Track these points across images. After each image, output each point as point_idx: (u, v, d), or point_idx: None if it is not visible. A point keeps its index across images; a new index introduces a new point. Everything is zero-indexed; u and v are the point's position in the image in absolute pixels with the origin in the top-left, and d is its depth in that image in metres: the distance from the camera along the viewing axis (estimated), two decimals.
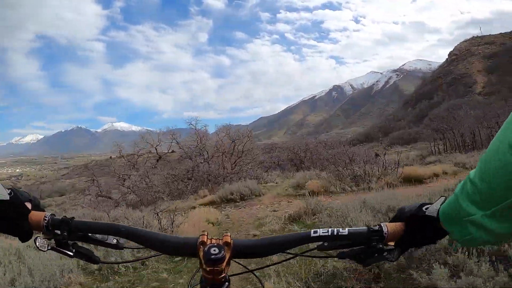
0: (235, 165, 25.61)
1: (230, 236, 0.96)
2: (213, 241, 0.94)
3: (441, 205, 0.93)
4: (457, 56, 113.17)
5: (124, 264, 5.27)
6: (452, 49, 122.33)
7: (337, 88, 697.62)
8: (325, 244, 1.01)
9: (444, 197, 0.93)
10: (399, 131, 69.39)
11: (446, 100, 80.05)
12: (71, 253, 1.02)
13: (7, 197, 0.97)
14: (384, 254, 0.97)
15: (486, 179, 0.76)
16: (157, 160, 30.81)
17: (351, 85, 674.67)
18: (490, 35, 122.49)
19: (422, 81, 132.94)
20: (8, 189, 1.00)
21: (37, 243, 0.98)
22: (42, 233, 1.03)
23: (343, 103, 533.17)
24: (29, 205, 1.04)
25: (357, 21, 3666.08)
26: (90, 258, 1.05)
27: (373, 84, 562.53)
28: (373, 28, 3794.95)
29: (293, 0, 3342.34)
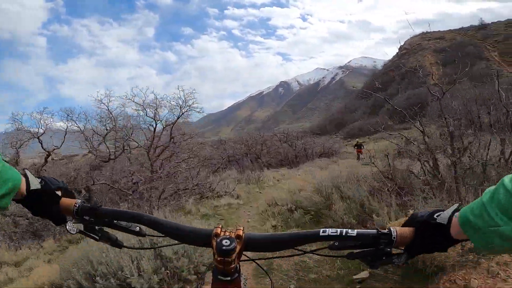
0: (161, 166, 14.36)
1: (243, 229, 1.03)
2: (227, 233, 1.01)
3: (453, 212, 0.94)
4: (408, 50, 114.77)
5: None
6: (402, 44, 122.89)
7: (284, 84, 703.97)
8: (336, 244, 1.03)
9: (458, 204, 0.95)
10: (356, 122, 68.39)
11: (402, 91, 79.90)
12: (97, 237, 1.14)
13: (39, 186, 1.10)
14: (393, 257, 1.00)
15: None
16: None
17: (297, 81, 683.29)
18: (439, 31, 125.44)
19: (373, 74, 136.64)
20: (39, 178, 1.13)
21: (67, 226, 1.13)
22: (73, 218, 1.15)
23: (290, 98, 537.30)
24: (59, 192, 1.16)
25: (304, 19, 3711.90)
26: (114, 242, 1.17)
27: (320, 81, 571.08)
28: (320, 26, 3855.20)
29: None
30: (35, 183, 1.09)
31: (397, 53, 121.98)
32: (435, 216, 0.95)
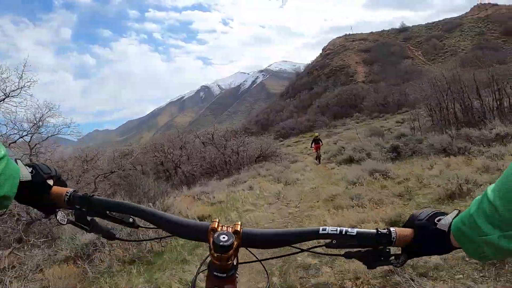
0: None
1: (241, 224, 0.99)
2: (224, 228, 0.97)
3: (453, 219, 0.93)
4: (332, 50, 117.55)
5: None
6: (326, 45, 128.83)
7: (205, 89, 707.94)
8: (334, 242, 1.00)
9: (457, 210, 0.94)
10: (287, 121, 63.79)
11: (330, 89, 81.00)
12: (88, 228, 1.08)
13: (29, 177, 1.03)
14: (390, 258, 0.98)
15: (510, 204, 0.74)
16: None
17: (218, 85, 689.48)
18: (362, 33, 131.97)
19: (295, 72, 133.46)
20: (30, 166, 1.07)
21: (57, 217, 1.07)
22: (64, 208, 1.10)
23: (211, 103, 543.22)
24: (51, 181, 1.10)
25: (225, 23, 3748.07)
26: (106, 233, 1.11)
27: (241, 84, 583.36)
28: (241, 30, 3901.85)
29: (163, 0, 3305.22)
30: (25, 174, 1.02)
31: (320, 53, 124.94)
32: (435, 221, 0.94)
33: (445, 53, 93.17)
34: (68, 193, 1.08)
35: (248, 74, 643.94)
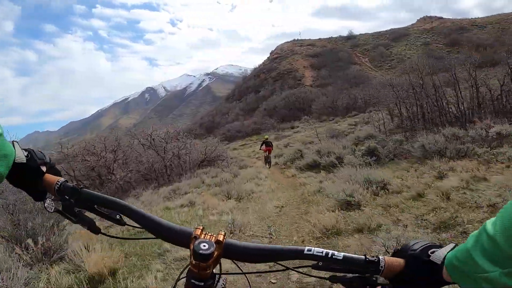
0: None
1: (225, 235, 0.98)
2: (207, 236, 0.96)
3: (447, 252, 0.90)
4: (279, 54, 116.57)
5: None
6: (273, 49, 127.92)
7: (150, 90, 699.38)
8: (320, 264, 0.98)
9: (454, 244, 0.91)
10: (233, 124, 62.57)
11: (277, 92, 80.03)
12: (74, 219, 1.09)
13: (24, 160, 1.06)
14: (376, 287, 0.96)
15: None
16: None
17: (164, 87, 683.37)
18: (310, 39, 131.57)
19: (242, 76, 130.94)
20: (26, 150, 1.10)
21: (45, 204, 1.08)
22: (53, 196, 1.11)
23: (157, 105, 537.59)
24: (44, 168, 1.13)
25: (173, 24, 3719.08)
26: (91, 227, 1.11)
27: (187, 87, 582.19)
28: (189, 32, 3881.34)
29: None
30: (21, 156, 1.05)
31: (268, 57, 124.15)
32: (429, 253, 0.91)
33: (392, 61, 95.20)
34: (59, 182, 1.09)
35: (194, 76, 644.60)
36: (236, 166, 19.98)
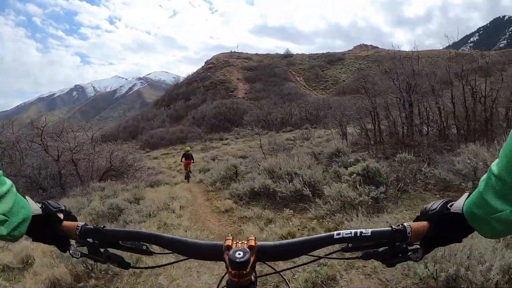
0: None
1: (255, 239, 1.01)
2: (238, 244, 0.99)
3: (464, 201, 0.94)
4: (214, 65, 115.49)
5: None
6: (209, 59, 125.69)
7: (79, 88, 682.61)
8: (350, 245, 1.02)
9: (467, 193, 0.95)
10: (157, 130, 58.30)
11: (208, 101, 78.11)
12: (102, 259, 1.09)
13: (40, 211, 1.06)
14: (409, 254, 0.99)
15: None
16: None
17: (94, 87, 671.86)
18: (247, 52, 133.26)
19: (174, 83, 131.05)
20: (39, 202, 1.09)
21: (70, 251, 1.09)
22: (76, 242, 1.11)
23: (84, 104, 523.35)
24: (61, 215, 1.12)
25: (111, 21, 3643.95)
26: (121, 263, 1.11)
27: (117, 89, 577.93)
28: (126, 32, 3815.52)
29: None
30: (36, 208, 1.05)
31: (202, 66, 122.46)
32: (448, 207, 0.96)
33: (326, 82, 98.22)
34: (79, 226, 1.10)
35: (126, 79, 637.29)
36: (147, 181, 16.03)
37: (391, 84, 15.27)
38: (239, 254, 0.91)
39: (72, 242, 1.11)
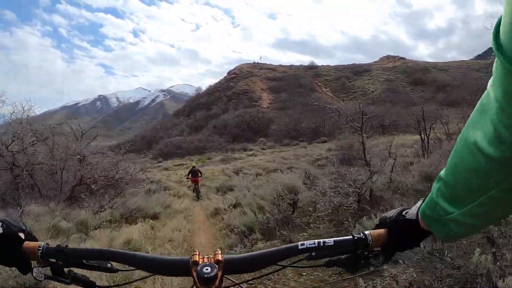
0: None
1: (221, 253, 1.00)
2: (205, 260, 0.98)
3: (418, 207, 0.98)
4: (237, 75, 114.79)
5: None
6: (232, 69, 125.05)
7: (103, 99, 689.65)
8: (313, 254, 1.03)
9: (422, 200, 0.98)
10: (173, 139, 55.34)
11: (230, 111, 76.15)
12: (68, 280, 1.04)
13: (0, 230, 0.98)
14: (370, 260, 1.03)
15: (460, 180, 0.79)
16: None
17: (117, 97, 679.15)
18: (271, 64, 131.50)
19: (196, 94, 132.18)
20: (0, 221, 1.01)
21: (34, 273, 1.01)
22: (37, 263, 1.04)
23: (107, 114, 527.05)
24: (22, 235, 1.04)
25: (136, 34, 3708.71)
26: (86, 283, 1.07)
27: (140, 100, 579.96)
28: (150, 45, 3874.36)
29: None
30: None
31: (225, 77, 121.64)
32: (403, 214, 1.00)
33: (355, 93, 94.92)
34: (40, 246, 1.01)
35: (149, 91, 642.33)
36: (127, 207, 11.19)
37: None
38: (207, 269, 0.91)
39: (34, 263, 1.02)
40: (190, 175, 17.15)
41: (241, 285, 1.12)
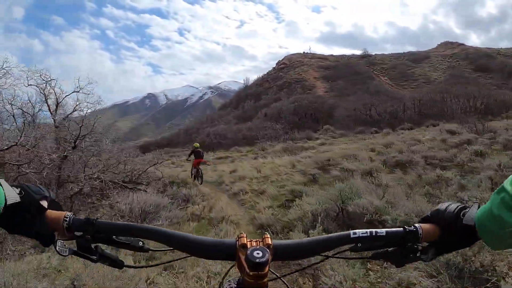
0: None
1: (270, 237, 0.94)
2: (254, 243, 0.92)
3: (476, 212, 0.94)
4: (286, 65, 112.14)
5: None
6: (281, 59, 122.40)
7: (152, 96, 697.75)
8: (359, 245, 0.99)
9: (477, 203, 0.96)
10: (213, 128, 52.31)
11: (284, 99, 69.56)
12: (95, 257, 0.96)
13: (18, 199, 0.90)
14: (418, 254, 0.98)
15: None
16: None
17: (165, 95, 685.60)
18: (321, 54, 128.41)
19: (244, 85, 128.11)
20: (18, 187, 0.93)
21: (56, 247, 0.94)
22: (61, 235, 0.96)
23: (156, 112, 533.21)
24: (44, 203, 0.95)
25: (181, 33, 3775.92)
26: (114, 262, 1.00)
27: (188, 97, 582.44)
28: (195, 44, 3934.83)
29: None
30: (13, 195, 0.88)
31: (274, 67, 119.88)
32: (461, 216, 0.95)
33: (417, 80, 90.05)
34: (66, 217, 0.94)
35: (197, 88, 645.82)
36: None
37: None
38: (258, 253, 0.83)
39: (57, 235, 0.95)
40: (192, 156, 14.91)
41: (284, 277, 1.04)
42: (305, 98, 54.21)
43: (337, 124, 37.79)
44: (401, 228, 0.96)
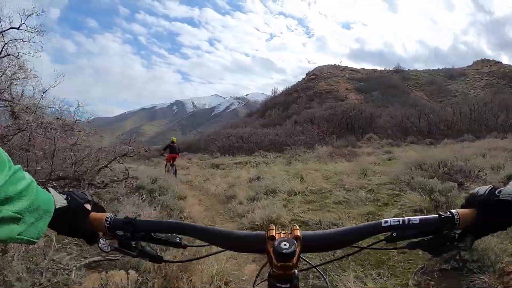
0: None
1: (299, 228, 0.95)
2: (282, 235, 0.92)
3: None
4: (317, 76, 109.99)
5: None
6: (311, 70, 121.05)
7: (179, 103, 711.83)
8: (394, 234, 0.96)
9: None
10: (235, 129, 53.43)
11: (316, 107, 67.17)
12: (134, 253, 1.03)
13: (65, 203, 0.99)
14: (457, 242, 0.95)
15: None
16: None
17: (193, 103, 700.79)
18: (352, 67, 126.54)
19: (271, 95, 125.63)
20: (64, 193, 1.02)
21: (99, 244, 1.02)
22: (104, 234, 1.05)
23: (182, 118, 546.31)
24: (88, 206, 1.05)
25: (211, 43, 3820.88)
26: (153, 257, 1.07)
27: (215, 107, 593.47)
28: (225, 54, 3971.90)
29: (156, 5, 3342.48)
30: (60, 200, 0.98)
31: (303, 78, 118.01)
32: (496, 193, 0.90)
33: (455, 97, 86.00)
34: (108, 218, 1.02)
35: (224, 98, 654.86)
36: None
37: None
38: (285, 245, 0.84)
39: (100, 234, 1.04)
40: (168, 151, 16.04)
41: (317, 268, 1.09)
42: (340, 105, 51.42)
43: (380, 134, 35.12)
44: (436, 215, 0.93)
